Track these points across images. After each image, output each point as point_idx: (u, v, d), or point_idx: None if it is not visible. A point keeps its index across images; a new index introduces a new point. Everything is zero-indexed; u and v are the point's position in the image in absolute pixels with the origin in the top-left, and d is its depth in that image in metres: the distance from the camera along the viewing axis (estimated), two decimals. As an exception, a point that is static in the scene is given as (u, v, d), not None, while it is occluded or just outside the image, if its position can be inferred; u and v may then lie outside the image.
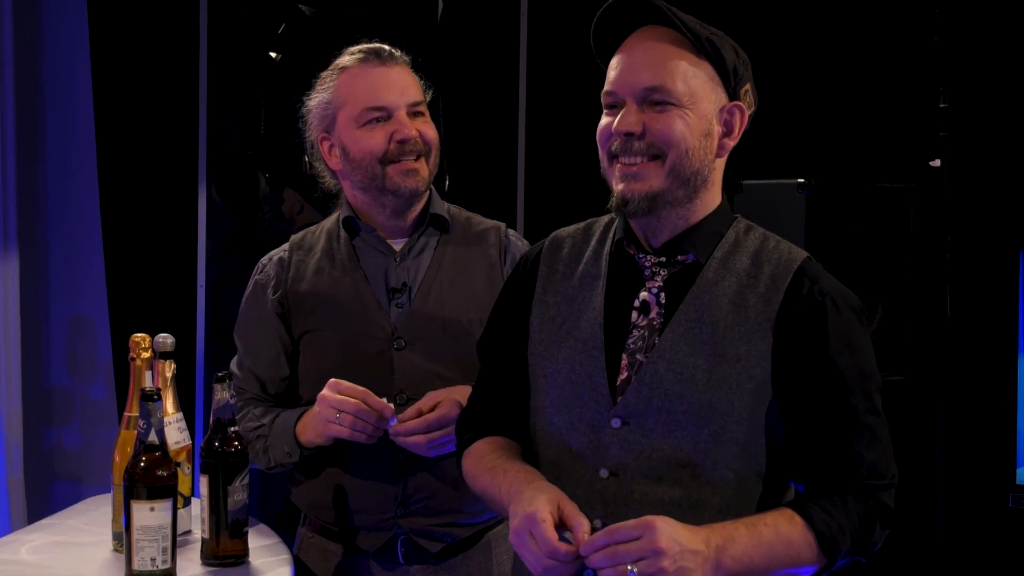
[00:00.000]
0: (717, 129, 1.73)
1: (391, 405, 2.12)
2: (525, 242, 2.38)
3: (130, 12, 4.14)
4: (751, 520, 1.63)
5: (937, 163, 3.25)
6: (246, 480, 2.05)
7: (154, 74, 4.13)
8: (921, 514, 3.31)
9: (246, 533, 2.07)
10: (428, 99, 2.32)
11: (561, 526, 1.62)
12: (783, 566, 1.64)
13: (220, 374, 2.05)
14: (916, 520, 3.35)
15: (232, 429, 2.05)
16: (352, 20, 4.07)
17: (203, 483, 2.04)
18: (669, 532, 1.54)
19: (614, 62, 1.74)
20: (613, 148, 1.72)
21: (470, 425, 1.95)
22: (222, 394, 2.05)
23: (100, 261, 4.19)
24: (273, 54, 4.11)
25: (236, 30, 4.08)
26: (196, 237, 4.05)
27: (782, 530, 1.62)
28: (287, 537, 2.38)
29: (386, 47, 2.29)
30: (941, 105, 3.27)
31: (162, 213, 4.16)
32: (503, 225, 2.39)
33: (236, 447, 2.04)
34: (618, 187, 1.73)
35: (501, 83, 4.06)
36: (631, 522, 1.56)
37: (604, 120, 1.75)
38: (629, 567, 1.53)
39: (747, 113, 1.76)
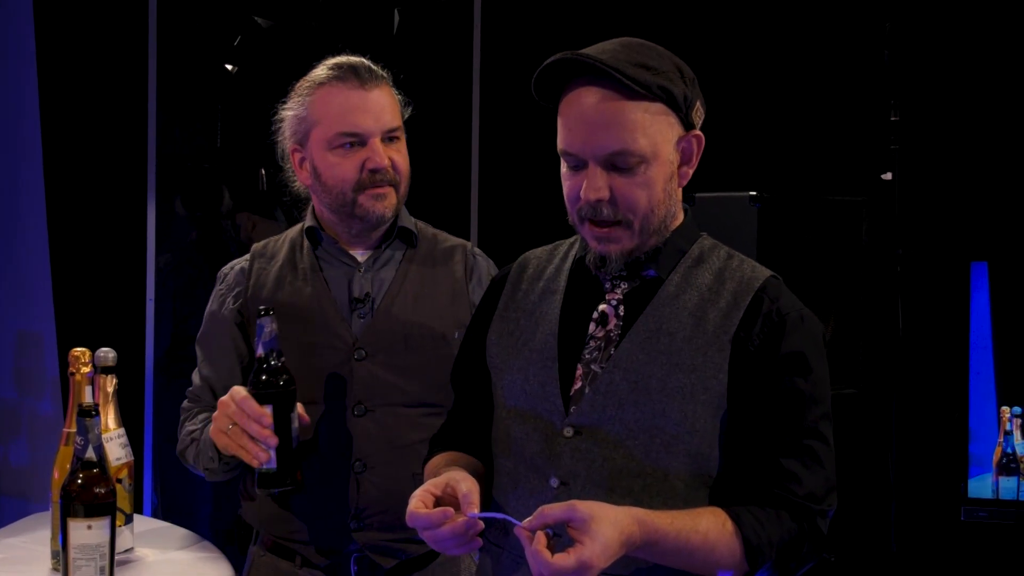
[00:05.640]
0: (676, 160, 1.74)
1: (267, 412, 2.02)
2: (490, 261, 2.38)
3: (79, 25, 4.10)
4: (686, 527, 1.62)
5: (888, 176, 3.28)
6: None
7: (103, 87, 4.09)
8: (874, 527, 3.32)
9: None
10: (406, 116, 2.29)
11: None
12: (695, 568, 1.65)
13: (263, 308, 2.06)
14: (869, 533, 3.36)
15: (283, 359, 2.06)
16: (308, 33, 4.05)
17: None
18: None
19: (568, 120, 1.71)
20: (582, 212, 1.73)
21: (437, 445, 1.96)
22: (271, 326, 2.05)
23: (47, 275, 4.14)
24: (229, 66, 4.08)
25: (190, 42, 4.05)
26: (145, 250, 4.01)
27: (710, 538, 1.63)
28: (239, 556, 2.35)
29: (366, 63, 2.24)
30: (892, 118, 3.30)
31: (111, 227, 4.11)
32: (469, 243, 2.39)
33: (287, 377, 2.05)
34: (594, 246, 1.75)
35: (455, 94, 4.06)
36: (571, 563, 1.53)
37: (568, 180, 1.74)
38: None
39: (702, 139, 1.76)
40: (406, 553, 2.22)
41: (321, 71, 2.24)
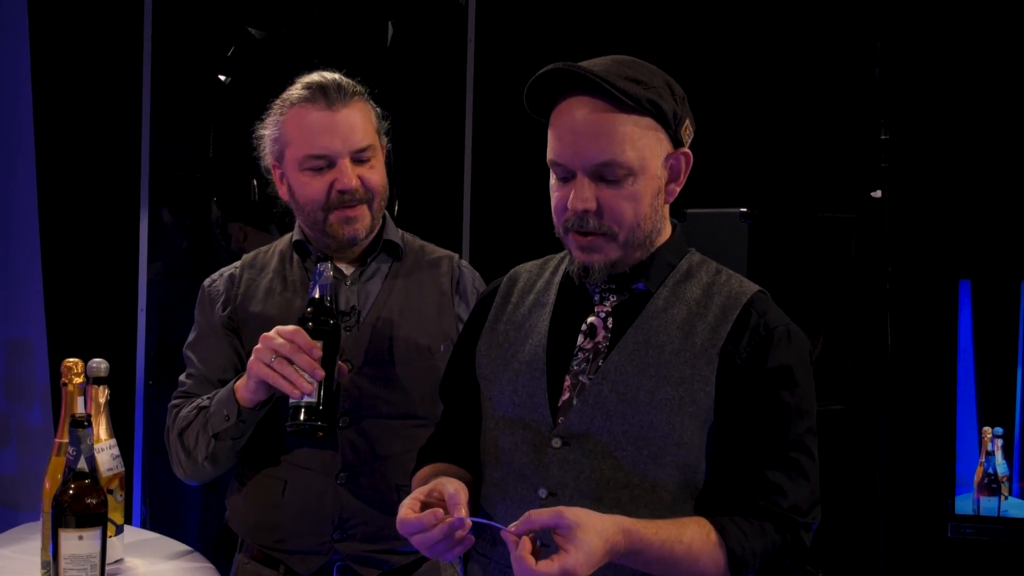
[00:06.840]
0: (664, 177, 1.75)
1: (318, 345, 2.05)
2: (476, 273, 2.39)
3: (74, 34, 4.10)
4: (670, 537, 1.63)
5: (878, 194, 3.29)
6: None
7: (97, 96, 4.08)
8: (861, 543, 3.32)
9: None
10: (385, 129, 2.30)
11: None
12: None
13: (322, 253, 2.12)
14: (857, 549, 3.37)
15: (334, 305, 2.10)
16: (302, 44, 4.06)
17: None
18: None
19: (558, 131, 1.73)
20: (568, 223, 1.73)
21: (426, 457, 1.97)
22: (328, 272, 2.09)
23: (39, 283, 4.13)
24: (222, 77, 4.08)
25: (184, 52, 4.05)
26: (138, 260, 4.00)
27: (694, 549, 1.64)
28: (226, 564, 2.35)
29: (337, 80, 2.24)
30: (882, 136, 3.31)
31: (104, 235, 4.10)
32: (456, 255, 2.40)
33: (336, 321, 2.09)
34: (578, 256, 1.76)
35: (449, 107, 4.07)
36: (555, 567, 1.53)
37: (557, 191, 1.75)
38: None
39: (691, 157, 1.78)
40: (389, 564, 2.22)
41: (294, 91, 2.25)
